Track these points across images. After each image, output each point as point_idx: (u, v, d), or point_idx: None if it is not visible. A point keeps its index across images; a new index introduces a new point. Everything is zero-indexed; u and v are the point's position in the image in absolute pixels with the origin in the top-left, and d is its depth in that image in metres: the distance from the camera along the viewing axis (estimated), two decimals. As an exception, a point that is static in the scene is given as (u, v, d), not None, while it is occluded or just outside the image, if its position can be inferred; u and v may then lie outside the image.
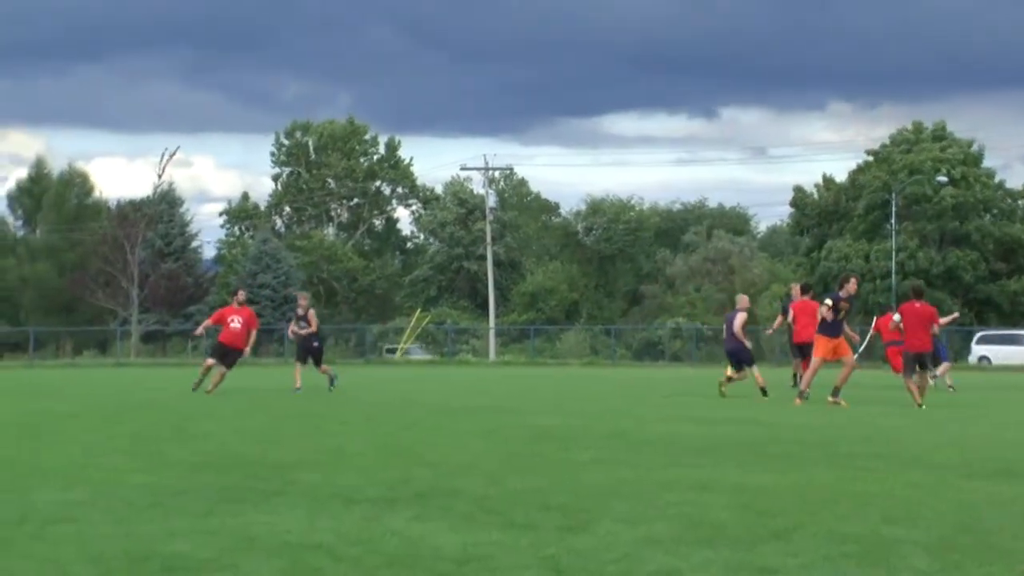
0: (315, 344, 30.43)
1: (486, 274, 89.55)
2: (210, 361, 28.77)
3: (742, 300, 30.02)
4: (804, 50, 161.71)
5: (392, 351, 79.33)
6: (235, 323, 28.83)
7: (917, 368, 24.29)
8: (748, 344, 28.91)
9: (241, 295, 30.76)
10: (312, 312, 30.60)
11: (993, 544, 7.95)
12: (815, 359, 25.10)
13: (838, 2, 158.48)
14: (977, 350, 72.63)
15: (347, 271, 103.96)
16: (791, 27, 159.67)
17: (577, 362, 70.82)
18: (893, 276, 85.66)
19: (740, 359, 28.62)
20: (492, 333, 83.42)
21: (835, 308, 24.63)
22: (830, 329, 24.79)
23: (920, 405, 23.25)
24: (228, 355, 28.44)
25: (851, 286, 25.00)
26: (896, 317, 25.57)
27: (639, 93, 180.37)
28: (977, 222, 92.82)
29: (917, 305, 24.98)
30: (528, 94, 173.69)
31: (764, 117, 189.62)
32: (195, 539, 7.97)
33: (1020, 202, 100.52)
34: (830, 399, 24.27)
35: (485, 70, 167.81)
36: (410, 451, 13.97)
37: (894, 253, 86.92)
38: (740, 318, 28.85)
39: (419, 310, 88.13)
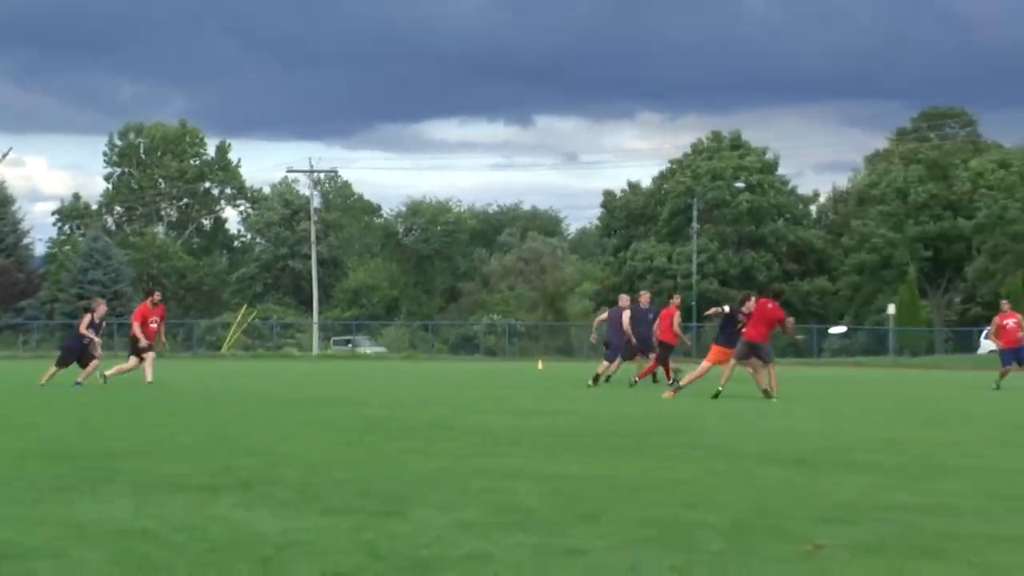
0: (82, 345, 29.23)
1: (310, 272, 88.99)
2: (133, 361, 28.90)
3: (623, 299, 31.77)
4: (616, 62, 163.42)
5: (342, 344, 79.38)
6: (154, 323, 29.29)
7: (751, 358, 25.00)
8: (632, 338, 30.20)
9: (156, 296, 30.72)
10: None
11: (783, 527, 8.07)
12: (707, 364, 25.16)
13: (649, 17, 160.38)
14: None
15: (176, 268, 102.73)
16: (604, 40, 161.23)
17: (396, 355, 70.73)
18: (694, 276, 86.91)
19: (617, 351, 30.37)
20: (316, 328, 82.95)
21: (734, 319, 25.00)
22: (727, 339, 25.02)
23: (767, 393, 24.27)
24: (147, 351, 28.76)
25: (751, 304, 25.23)
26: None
27: (459, 100, 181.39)
28: (771, 226, 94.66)
29: (770, 305, 25.44)
30: (353, 100, 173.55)
31: (577, 125, 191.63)
32: (22, 527, 7.77)
33: (811, 208, 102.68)
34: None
35: (312, 76, 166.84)
36: (234, 441, 13.81)
37: (695, 254, 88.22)
38: (626, 316, 30.37)
39: (245, 306, 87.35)
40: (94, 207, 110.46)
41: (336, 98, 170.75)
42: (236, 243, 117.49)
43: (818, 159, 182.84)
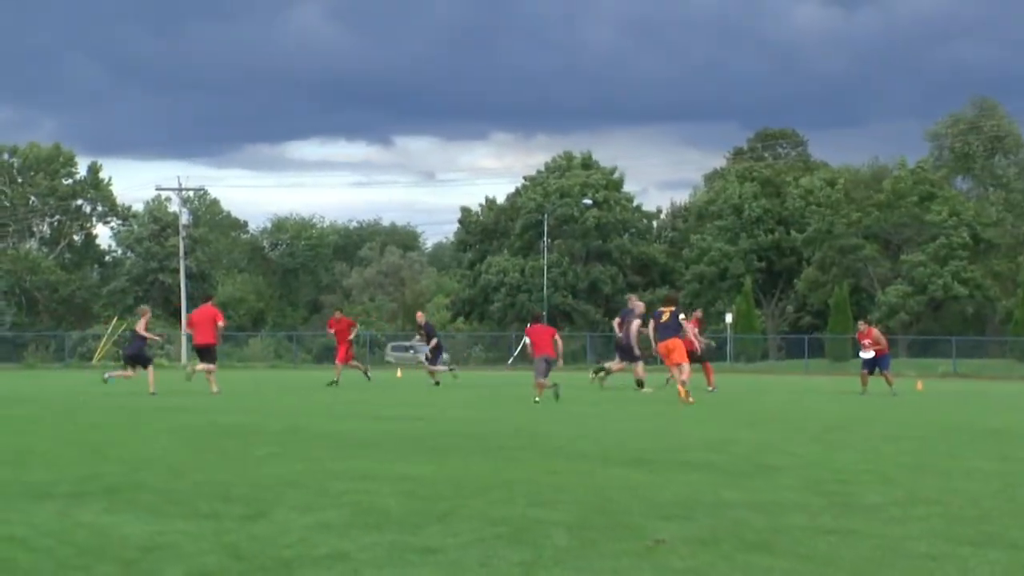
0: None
1: (179, 285, 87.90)
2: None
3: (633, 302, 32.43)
4: (470, 85, 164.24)
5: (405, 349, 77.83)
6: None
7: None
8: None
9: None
10: None
11: (625, 523, 8.14)
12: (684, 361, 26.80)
13: (502, 44, 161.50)
14: None
15: (48, 281, 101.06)
16: (459, 64, 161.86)
17: (262, 365, 70.08)
18: (544, 288, 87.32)
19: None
20: (184, 339, 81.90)
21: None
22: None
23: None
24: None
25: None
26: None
27: (321, 122, 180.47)
28: (617, 240, 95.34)
29: (539, 326, 27.00)
30: (220, 122, 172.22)
31: (434, 145, 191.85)
32: None
33: (654, 223, 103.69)
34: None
35: (179, 100, 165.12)
36: (98, 448, 13.58)
37: (545, 268, 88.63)
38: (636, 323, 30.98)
39: (116, 318, 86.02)
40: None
41: (204, 121, 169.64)
42: (107, 258, 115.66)
43: (661, 177, 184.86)
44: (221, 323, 29.54)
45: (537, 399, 24.70)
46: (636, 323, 31.13)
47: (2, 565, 6.71)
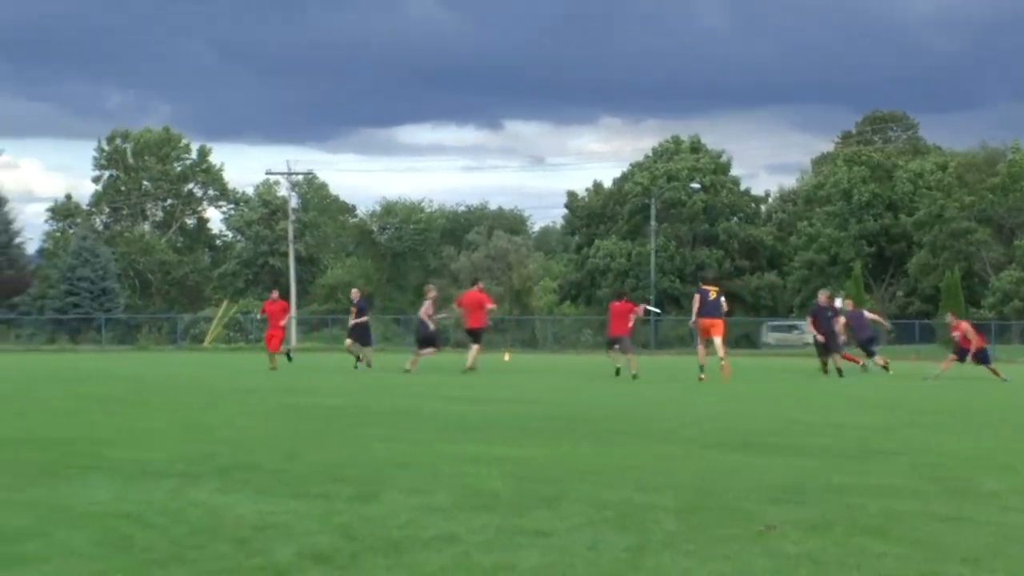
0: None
1: (288, 268, 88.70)
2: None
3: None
4: (580, 71, 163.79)
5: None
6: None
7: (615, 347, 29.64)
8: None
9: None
10: None
11: (734, 507, 8.08)
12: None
13: (612, 28, 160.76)
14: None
15: (161, 264, 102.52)
16: (569, 49, 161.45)
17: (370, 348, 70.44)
18: (652, 272, 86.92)
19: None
20: (294, 322, 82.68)
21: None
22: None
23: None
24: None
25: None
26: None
27: (431, 106, 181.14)
28: (725, 224, 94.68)
29: (617, 303, 29.96)
30: (331, 106, 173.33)
31: (543, 129, 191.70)
32: (11, 511, 7.74)
33: (762, 207, 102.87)
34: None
35: (291, 83, 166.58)
36: (212, 429, 13.76)
37: (653, 252, 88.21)
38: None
39: (227, 300, 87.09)
40: (84, 207, 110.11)
41: (314, 106, 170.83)
42: (218, 241, 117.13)
43: (768, 161, 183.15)
44: (491, 306, 31.96)
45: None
46: (842, 320, 33.11)
47: (119, 542, 6.80)
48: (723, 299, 28.38)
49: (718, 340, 27.88)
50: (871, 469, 10.32)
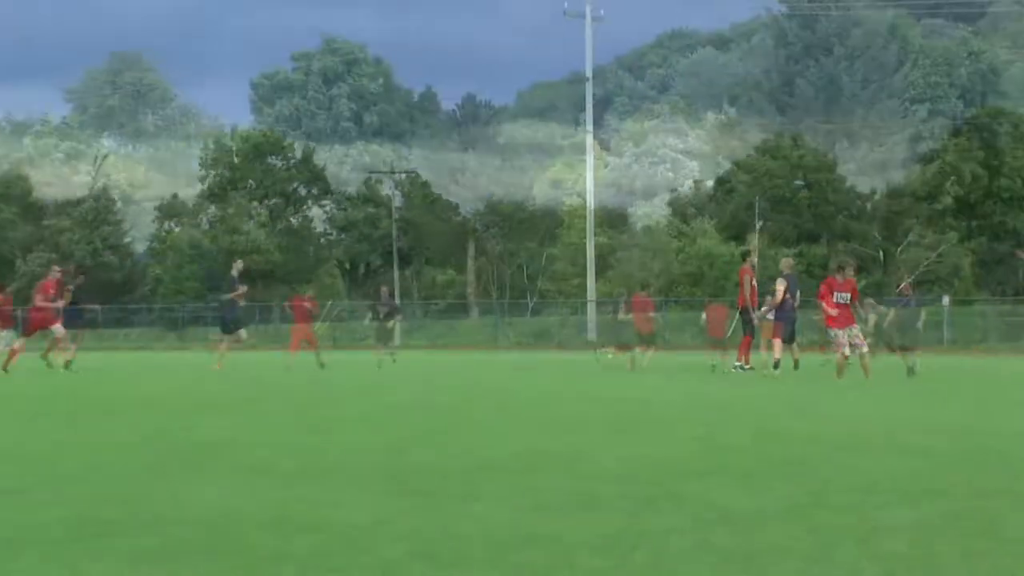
0: None
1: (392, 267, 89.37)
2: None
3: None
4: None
5: None
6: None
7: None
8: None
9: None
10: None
11: (843, 507, 7.97)
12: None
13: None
14: None
15: (268, 263, 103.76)
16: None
17: (473, 347, 70.75)
18: (755, 269, 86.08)
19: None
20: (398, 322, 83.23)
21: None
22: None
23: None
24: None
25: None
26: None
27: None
28: (829, 222, 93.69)
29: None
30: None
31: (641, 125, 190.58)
32: (129, 508, 7.85)
33: (867, 205, 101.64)
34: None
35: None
36: (316, 427, 13.88)
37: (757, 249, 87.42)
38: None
39: (330, 300, 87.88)
40: (190, 206, 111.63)
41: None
42: (322, 240, 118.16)
43: (875, 158, 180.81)
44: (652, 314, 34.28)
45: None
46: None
47: (230, 537, 6.88)
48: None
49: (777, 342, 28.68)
50: (983, 471, 10.13)
